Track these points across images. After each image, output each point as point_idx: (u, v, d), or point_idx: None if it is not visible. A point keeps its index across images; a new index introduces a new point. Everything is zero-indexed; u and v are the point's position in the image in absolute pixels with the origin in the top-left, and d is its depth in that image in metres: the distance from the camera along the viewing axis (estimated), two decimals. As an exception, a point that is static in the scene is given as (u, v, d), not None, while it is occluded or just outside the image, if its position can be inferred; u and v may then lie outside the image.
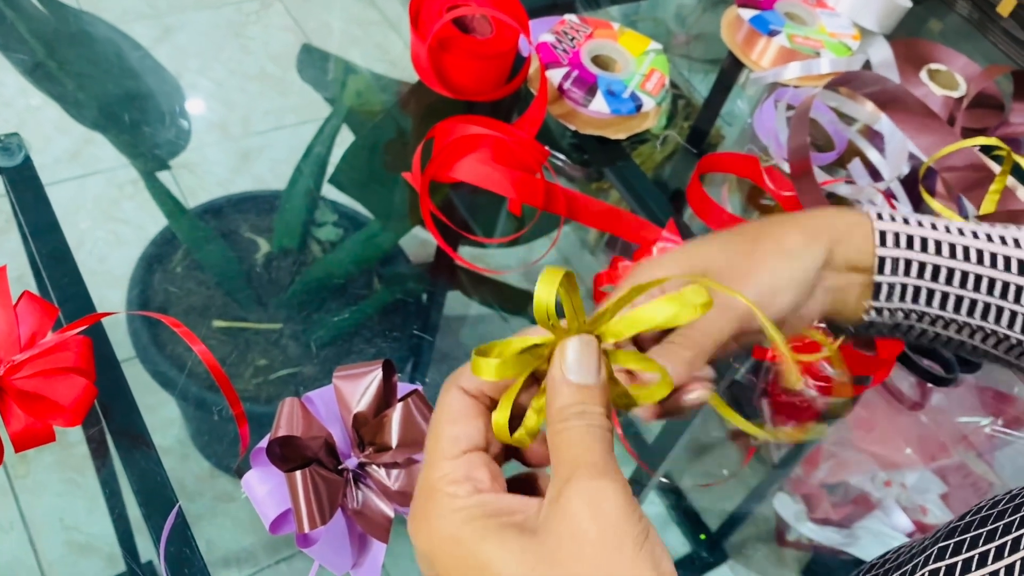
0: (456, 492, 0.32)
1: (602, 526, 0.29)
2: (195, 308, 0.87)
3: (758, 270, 0.42)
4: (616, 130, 0.81)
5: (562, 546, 0.29)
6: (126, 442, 0.50)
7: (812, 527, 1.01)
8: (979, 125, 0.75)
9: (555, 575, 0.29)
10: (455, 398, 0.34)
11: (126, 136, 0.90)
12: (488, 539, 0.30)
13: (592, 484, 0.30)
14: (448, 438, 0.33)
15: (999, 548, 0.41)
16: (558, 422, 0.32)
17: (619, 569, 0.29)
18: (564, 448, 0.31)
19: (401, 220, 0.90)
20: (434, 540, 0.31)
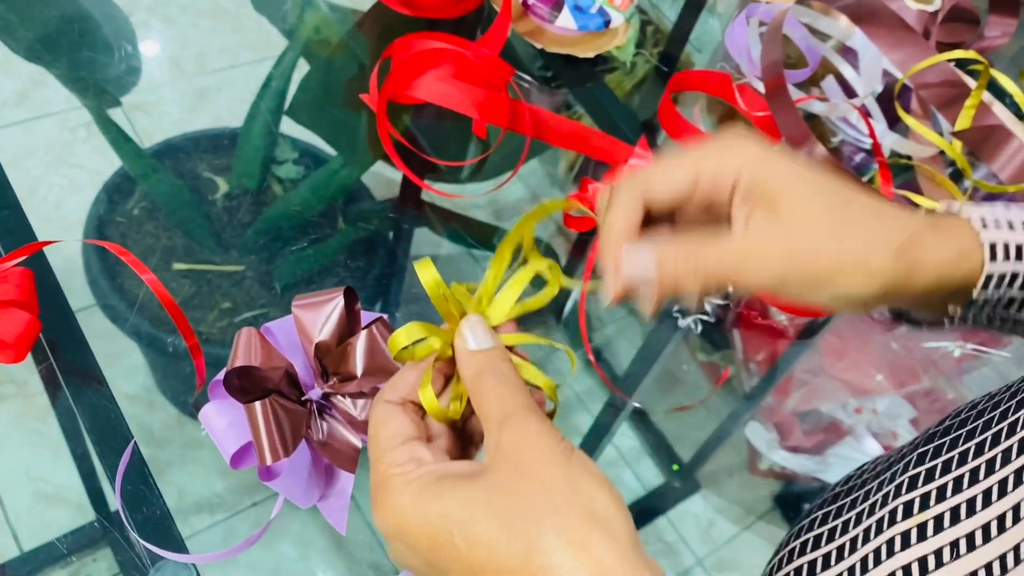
0: (404, 471, 0.36)
1: (536, 451, 0.34)
2: (154, 251, 0.85)
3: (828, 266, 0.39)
4: (584, 48, 0.78)
5: (506, 477, 0.34)
6: (76, 380, 0.48)
7: (784, 455, 1.02)
8: (954, 40, 0.73)
9: (505, 503, 0.33)
10: (382, 408, 0.38)
11: (75, 74, 0.86)
12: (443, 495, 0.34)
13: (519, 423, 0.35)
14: (384, 438, 0.37)
15: (979, 445, 0.41)
16: (476, 386, 0.37)
17: (557, 480, 0.33)
18: (488, 404, 0.36)
19: (363, 155, 0.87)
20: (398, 516, 0.35)
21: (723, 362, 1.03)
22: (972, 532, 0.38)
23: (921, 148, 0.72)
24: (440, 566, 0.34)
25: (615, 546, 0.32)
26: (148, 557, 0.46)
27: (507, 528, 0.33)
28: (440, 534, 0.33)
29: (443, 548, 0.33)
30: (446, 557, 0.34)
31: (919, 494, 0.42)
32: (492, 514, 0.33)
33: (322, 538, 0.97)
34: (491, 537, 0.33)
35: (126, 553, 0.47)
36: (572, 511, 0.33)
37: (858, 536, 0.43)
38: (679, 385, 1.00)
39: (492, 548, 0.32)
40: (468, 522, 0.33)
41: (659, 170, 0.40)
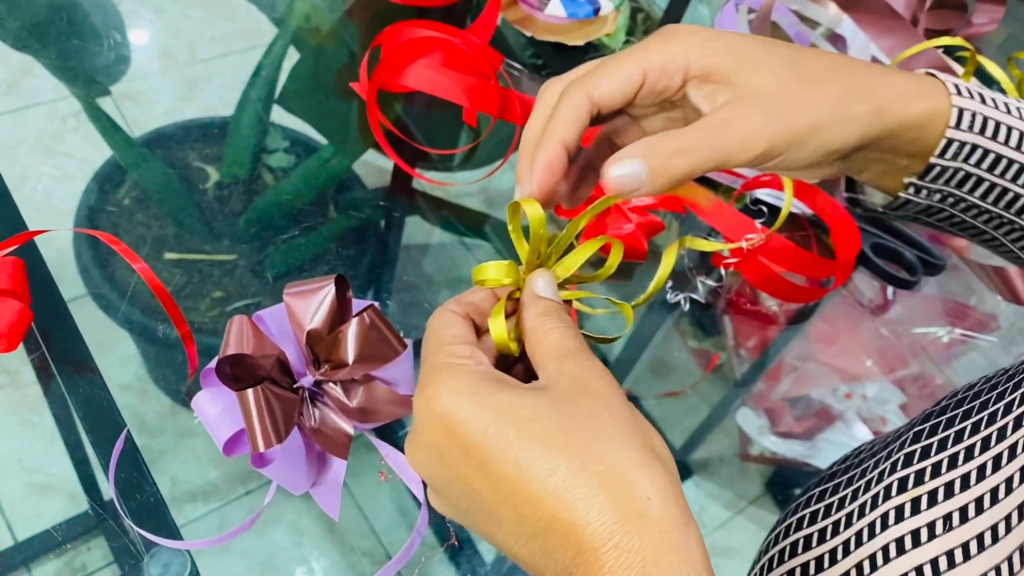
0: (466, 363, 0.35)
1: (601, 381, 0.34)
2: (145, 240, 0.85)
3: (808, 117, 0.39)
4: (574, 35, 0.79)
5: (571, 393, 0.33)
6: (69, 368, 0.48)
7: (775, 440, 1.03)
8: (942, 26, 0.74)
9: (568, 411, 0.32)
10: (447, 314, 0.38)
11: (64, 63, 0.86)
12: (504, 391, 0.33)
13: (584, 357, 0.35)
14: (449, 335, 0.37)
15: (975, 424, 0.41)
16: (542, 324, 0.37)
17: (623, 408, 0.33)
18: (550, 341, 0.36)
19: (354, 143, 0.87)
20: (450, 401, 0.33)
21: (714, 348, 1.04)
22: (965, 505, 0.39)
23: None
24: (478, 459, 0.33)
25: (671, 482, 0.32)
26: (143, 544, 0.46)
27: (568, 432, 0.32)
28: (492, 424, 0.32)
29: (490, 440, 0.32)
30: (491, 452, 0.32)
31: (914, 470, 0.42)
32: (553, 417, 0.32)
33: (315, 525, 0.97)
34: (549, 436, 0.32)
35: (120, 541, 0.47)
36: (636, 437, 0.32)
37: (853, 511, 0.44)
38: (670, 371, 1.00)
39: (549, 445, 0.31)
40: (527, 419, 0.32)
41: (604, 68, 0.39)
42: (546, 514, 0.31)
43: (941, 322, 0.97)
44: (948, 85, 0.42)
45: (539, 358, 0.36)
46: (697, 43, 0.39)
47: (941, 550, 0.38)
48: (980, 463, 0.40)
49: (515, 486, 0.32)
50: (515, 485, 0.32)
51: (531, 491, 0.31)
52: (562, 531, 0.31)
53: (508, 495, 0.32)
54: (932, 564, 0.38)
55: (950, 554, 0.38)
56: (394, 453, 0.49)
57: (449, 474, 0.34)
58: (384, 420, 0.48)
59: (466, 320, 0.38)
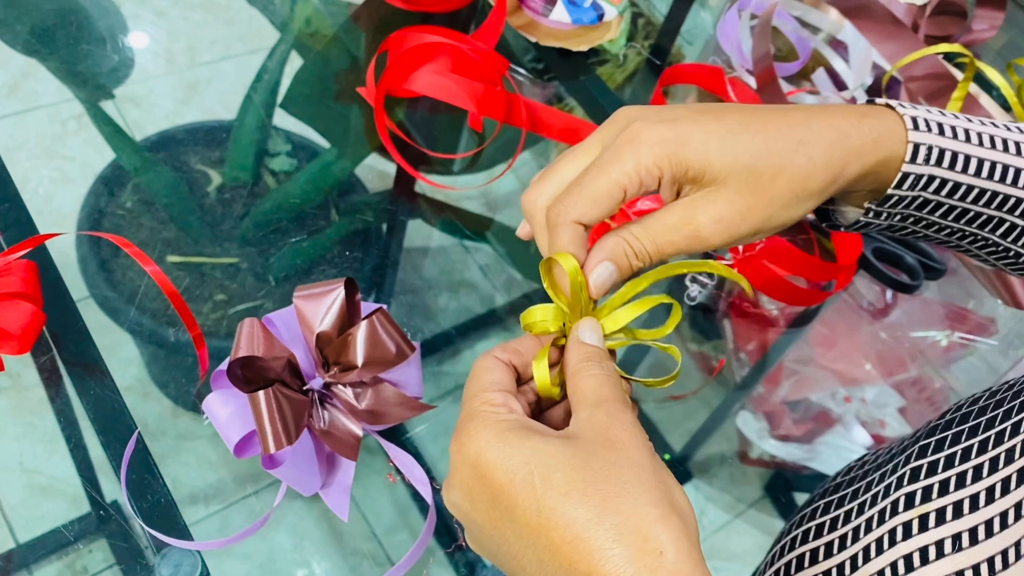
0: (498, 411, 0.37)
1: (627, 433, 0.35)
2: (148, 244, 0.85)
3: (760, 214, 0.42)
4: (578, 41, 0.79)
5: (595, 443, 0.34)
6: (79, 371, 0.48)
7: (774, 444, 1.03)
8: (942, 33, 0.74)
9: (590, 462, 0.33)
10: (490, 360, 0.40)
11: (65, 66, 0.86)
12: (530, 439, 0.35)
13: (616, 408, 0.36)
14: (486, 381, 0.38)
15: (982, 443, 0.41)
16: (582, 370, 0.38)
17: (644, 461, 0.34)
18: (587, 387, 0.37)
19: (357, 147, 0.87)
20: (481, 447, 0.35)
21: (714, 352, 1.04)
22: (975, 527, 0.39)
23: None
24: (505, 505, 0.34)
25: (686, 535, 0.32)
26: (152, 546, 0.46)
27: (588, 483, 0.33)
28: (518, 472, 0.34)
29: (516, 488, 0.33)
30: (516, 497, 0.33)
31: (921, 486, 0.42)
32: (575, 467, 0.33)
33: (317, 527, 0.97)
34: (570, 486, 0.33)
35: (126, 542, 0.47)
36: (655, 490, 0.33)
37: (860, 525, 0.44)
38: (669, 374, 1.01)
39: (568, 495, 0.33)
40: (550, 468, 0.33)
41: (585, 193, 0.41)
42: (564, 561, 0.32)
43: (940, 326, 0.98)
44: (906, 119, 0.43)
45: (575, 403, 0.38)
46: (668, 151, 0.41)
47: (951, 569, 0.39)
48: (989, 485, 0.40)
49: (536, 532, 0.33)
50: (536, 531, 0.33)
51: (551, 538, 0.32)
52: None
53: (530, 540, 0.33)
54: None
55: (960, 574, 0.38)
56: (402, 455, 0.49)
57: (479, 517, 0.35)
58: (392, 422, 0.48)
59: (507, 367, 0.40)
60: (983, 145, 0.44)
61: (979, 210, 0.44)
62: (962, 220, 0.45)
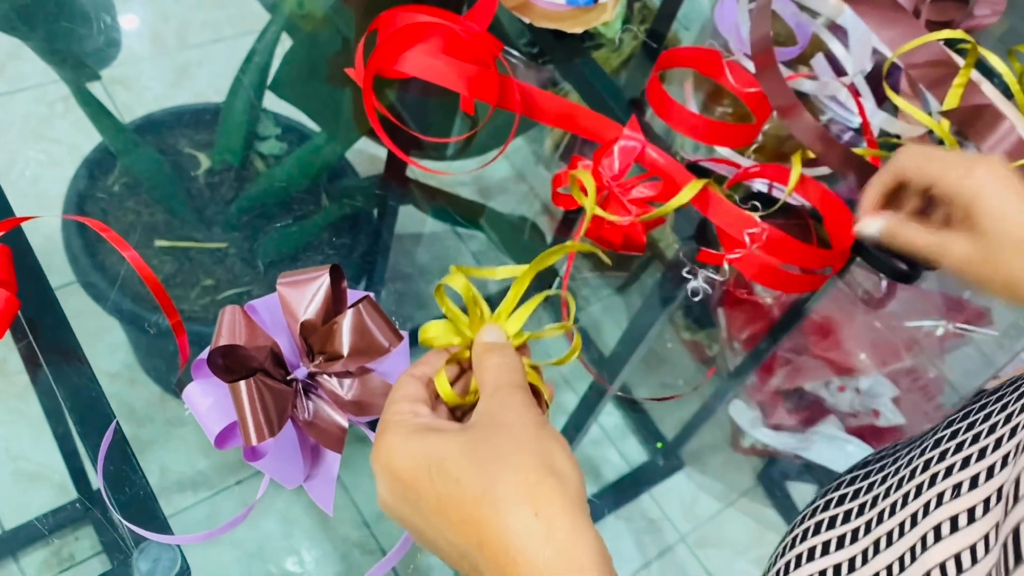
0: (403, 419, 0.41)
1: (514, 414, 0.39)
2: (135, 228, 0.84)
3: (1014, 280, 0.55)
4: (572, 23, 0.78)
5: (483, 430, 0.39)
6: (57, 358, 0.47)
7: (767, 433, 1.03)
8: (944, 18, 0.73)
9: (477, 447, 0.38)
10: (404, 378, 0.43)
11: (52, 46, 0.85)
12: (427, 437, 0.39)
13: (507, 392, 0.40)
14: (398, 396, 0.42)
15: (992, 427, 0.42)
16: (481, 360, 0.42)
17: (529, 442, 0.38)
18: (486, 376, 0.41)
19: (348, 130, 0.86)
20: (389, 452, 0.39)
21: (707, 341, 1.04)
22: (973, 507, 0.41)
23: (910, 127, 0.72)
24: (412, 497, 0.38)
25: (563, 495, 0.36)
26: (132, 538, 0.45)
27: (474, 466, 0.37)
28: (419, 468, 0.38)
29: (419, 480, 0.38)
30: (420, 489, 0.38)
31: (929, 475, 0.45)
32: (464, 454, 0.38)
33: (306, 516, 0.97)
34: (459, 472, 0.37)
35: (109, 534, 0.46)
36: (531, 458, 0.37)
37: (872, 519, 0.46)
38: (663, 364, 1.00)
39: (459, 481, 0.37)
40: (443, 460, 0.38)
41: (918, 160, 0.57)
42: (464, 537, 0.37)
43: (936, 316, 0.97)
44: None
45: (481, 394, 0.42)
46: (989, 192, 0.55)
47: (949, 553, 0.41)
48: (990, 463, 0.41)
49: (439, 516, 0.37)
50: (439, 515, 0.37)
51: (450, 519, 0.37)
52: (477, 548, 0.36)
53: (437, 524, 0.38)
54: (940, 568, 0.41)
55: (957, 557, 0.40)
56: (388, 446, 0.48)
57: (400, 511, 0.40)
58: (379, 413, 0.47)
59: (419, 380, 0.43)
60: None
61: None
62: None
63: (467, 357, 0.45)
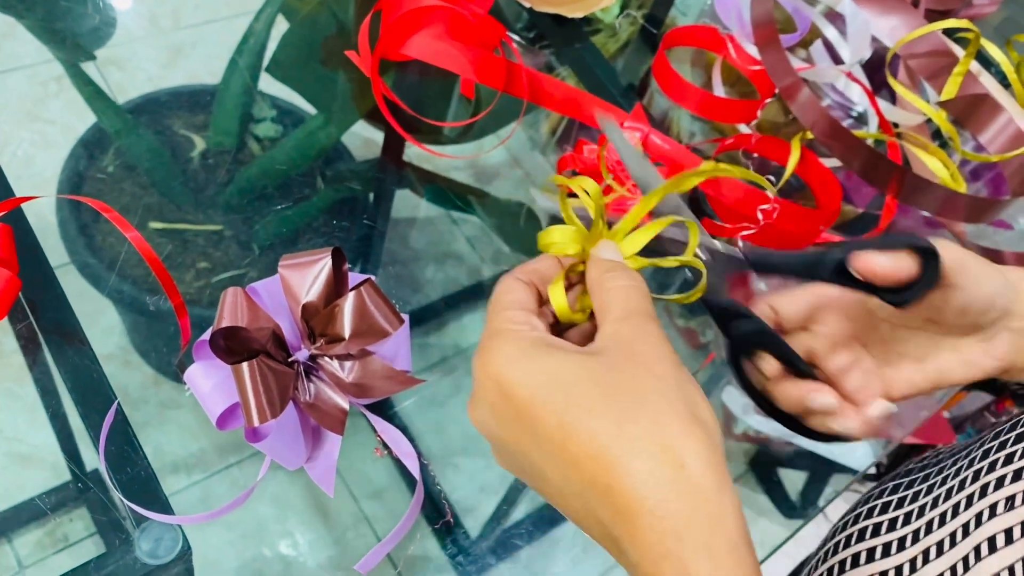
0: (520, 329, 0.36)
1: (651, 347, 0.35)
2: (130, 209, 0.83)
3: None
4: (572, 8, 0.78)
5: (618, 358, 0.34)
6: (57, 339, 0.47)
7: (759, 419, 1.03)
8: (943, 7, 0.73)
9: (611, 376, 0.33)
10: (510, 281, 0.39)
11: (45, 25, 0.84)
12: (552, 355, 0.35)
13: (641, 320, 0.36)
14: (507, 301, 0.38)
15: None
16: (605, 282, 0.38)
17: (671, 382, 0.34)
18: (614, 300, 0.37)
19: (344, 113, 0.86)
20: (503, 363, 0.35)
21: (701, 327, 1.04)
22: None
23: (909, 116, 0.72)
24: (527, 420, 0.34)
25: (709, 447, 0.32)
26: (132, 518, 0.45)
27: (608, 397, 0.33)
28: (540, 388, 0.34)
29: (538, 402, 0.33)
30: (538, 412, 0.33)
31: (979, 486, 0.42)
32: (596, 382, 0.33)
33: (301, 499, 0.97)
34: (591, 401, 0.33)
35: (106, 513, 0.46)
36: (678, 402, 0.33)
37: (920, 528, 0.44)
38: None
39: (590, 410, 0.33)
40: (571, 383, 0.33)
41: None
42: (586, 475, 0.32)
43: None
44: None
45: (600, 317, 0.37)
46: None
47: (1001, 565, 0.38)
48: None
49: (558, 447, 0.33)
50: (558, 446, 0.33)
51: (572, 452, 0.32)
52: (601, 492, 0.32)
53: (552, 454, 0.33)
54: None
55: (1011, 568, 0.38)
56: (389, 429, 0.49)
57: (503, 433, 0.35)
58: (380, 395, 0.47)
59: (529, 287, 0.39)
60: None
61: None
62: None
63: (579, 271, 0.41)
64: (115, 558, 0.43)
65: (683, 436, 0.32)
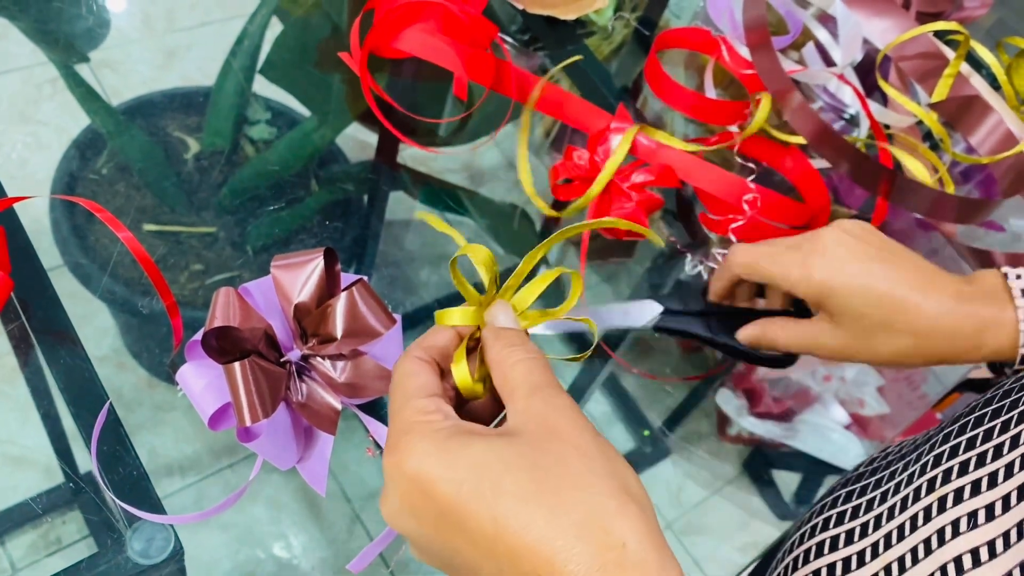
0: (432, 419, 0.35)
1: (567, 420, 0.34)
2: (124, 211, 0.83)
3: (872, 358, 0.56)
4: (565, 10, 0.78)
5: (539, 438, 0.33)
6: (50, 340, 0.47)
7: (753, 421, 1.03)
8: (934, 9, 0.74)
9: (538, 459, 0.32)
10: (411, 362, 0.38)
11: (39, 26, 0.84)
12: (473, 445, 0.33)
13: (551, 395, 0.35)
14: (414, 387, 0.37)
15: (1005, 423, 0.42)
16: (504, 357, 0.37)
17: (598, 458, 0.33)
18: (516, 375, 0.36)
19: (338, 115, 0.86)
20: (421, 462, 0.33)
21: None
22: (992, 502, 0.39)
23: (899, 118, 0.73)
24: (452, 519, 0.33)
25: (646, 523, 0.32)
26: (124, 519, 0.45)
27: (540, 482, 0.32)
28: (465, 482, 0.32)
29: (465, 497, 0.32)
30: (467, 508, 0.32)
31: (942, 470, 0.42)
32: (525, 467, 0.32)
33: (294, 500, 0.97)
34: (522, 488, 0.32)
35: (98, 514, 0.46)
36: (609, 479, 0.32)
37: (883, 514, 0.44)
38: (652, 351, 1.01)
39: (524, 499, 0.31)
40: (499, 472, 0.32)
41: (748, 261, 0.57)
42: (527, 568, 0.31)
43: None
44: (1015, 291, 0.51)
45: (507, 394, 0.36)
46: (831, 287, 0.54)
47: (966, 548, 0.38)
48: (1008, 461, 0.39)
49: (493, 541, 0.32)
50: (493, 540, 0.32)
51: (509, 545, 0.31)
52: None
53: (488, 550, 0.32)
54: (956, 562, 0.38)
55: (975, 552, 0.38)
56: (381, 428, 0.49)
57: (427, 532, 0.34)
58: (372, 395, 0.47)
59: (430, 365, 0.38)
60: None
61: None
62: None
63: (476, 337, 0.41)
64: (107, 558, 0.43)
65: (619, 516, 0.31)
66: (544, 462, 0.32)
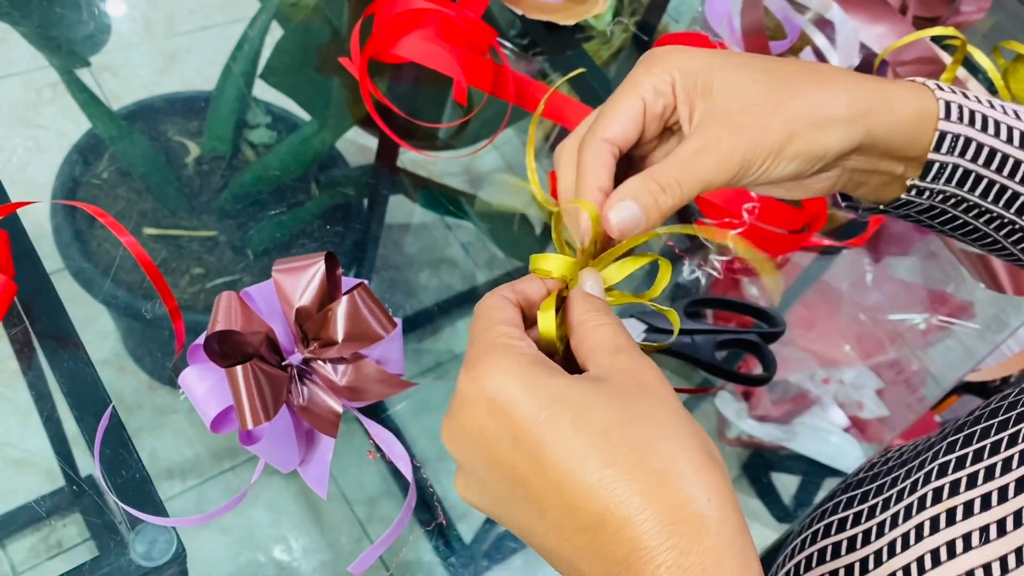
0: (518, 344, 0.34)
1: (656, 377, 0.33)
2: (124, 215, 0.84)
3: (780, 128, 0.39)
4: (564, 15, 0.78)
5: (627, 387, 0.32)
6: (52, 344, 0.47)
7: (752, 424, 1.04)
8: (931, 14, 0.74)
9: (626, 404, 0.31)
10: (499, 298, 0.37)
11: (39, 31, 0.84)
12: (558, 376, 0.32)
13: (638, 354, 0.34)
14: (500, 316, 0.35)
15: (1012, 436, 0.41)
16: (589, 320, 0.36)
17: (685, 416, 0.32)
18: (601, 336, 0.35)
19: (338, 120, 0.86)
20: (502, 379, 0.32)
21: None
22: (1003, 518, 0.38)
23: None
24: (528, 445, 0.31)
25: (726, 483, 0.31)
26: (127, 522, 0.46)
27: (627, 424, 0.31)
28: (546, 410, 0.31)
29: (544, 425, 0.31)
30: (544, 435, 0.31)
31: (949, 481, 0.41)
32: (613, 408, 0.31)
33: (295, 503, 0.97)
34: (607, 425, 0.30)
35: (100, 517, 0.46)
36: (695, 438, 0.31)
37: (886, 520, 0.43)
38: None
39: (606, 437, 0.30)
40: (584, 408, 0.31)
41: (607, 111, 0.41)
42: (599, 507, 0.30)
43: (919, 309, 0.98)
44: (930, 84, 0.43)
45: (588, 352, 0.35)
46: (681, 60, 0.40)
47: (978, 562, 0.37)
48: (1019, 476, 0.39)
49: (567, 475, 0.30)
50: (567, 474, 0.30)
51: (585, 482, 0.30)
52: (615, 527, 0.30)
53: (558, 483, 0.30)
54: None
55: (987, 567, 0.37)
56: (382, 432, 0.49)
57: (495, 456, 0.32)
58: (373, 399, 0.47)
59: (516, 307, 0.37)
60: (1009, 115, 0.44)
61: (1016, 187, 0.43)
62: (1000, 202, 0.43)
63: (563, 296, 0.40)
64: (109, 560, 0.43)
65: (705, 473, 0.31)
66: (632, 408, 0.31)
